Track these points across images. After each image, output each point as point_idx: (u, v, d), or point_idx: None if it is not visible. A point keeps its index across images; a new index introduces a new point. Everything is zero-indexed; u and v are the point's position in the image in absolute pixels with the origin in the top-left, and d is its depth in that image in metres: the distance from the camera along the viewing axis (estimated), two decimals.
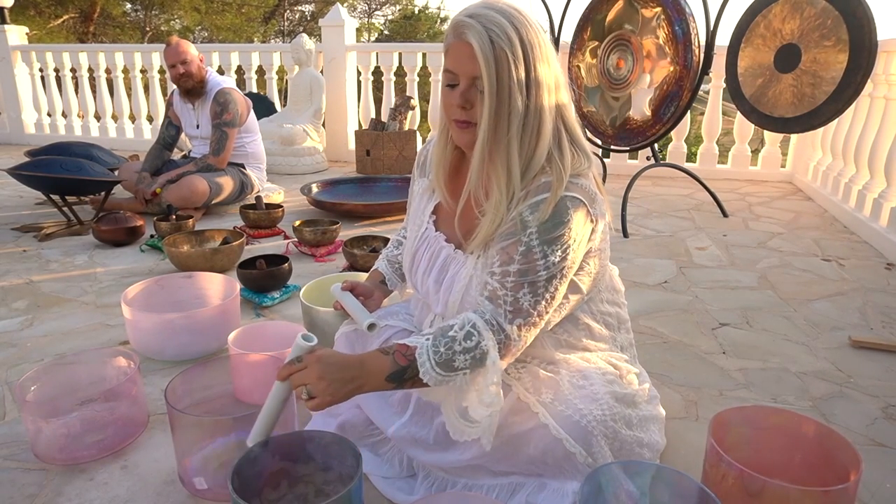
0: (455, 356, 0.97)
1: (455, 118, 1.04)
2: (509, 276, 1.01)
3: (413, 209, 1.30)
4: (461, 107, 1.01)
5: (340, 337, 1.37)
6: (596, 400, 1.06)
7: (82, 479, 1.26)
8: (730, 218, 3.47)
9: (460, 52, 0.98)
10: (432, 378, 0.98)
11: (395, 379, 0.98)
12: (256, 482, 1.06)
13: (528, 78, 0.98)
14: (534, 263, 1.00)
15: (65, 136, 6.14)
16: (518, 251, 1.01)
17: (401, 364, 0.98)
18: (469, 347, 0.98)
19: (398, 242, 1.46)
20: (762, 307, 2.19)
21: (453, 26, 0.99)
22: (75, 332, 1.96)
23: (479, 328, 0.99)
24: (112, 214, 2.91)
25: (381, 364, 0.98)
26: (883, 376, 1.71)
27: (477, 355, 0.98)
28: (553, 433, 1.02)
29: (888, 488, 1.26)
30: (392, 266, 1.43)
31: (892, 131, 3.08)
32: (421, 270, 1.20)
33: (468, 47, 0.96)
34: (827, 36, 2.72)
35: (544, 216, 1.00)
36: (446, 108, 1.05)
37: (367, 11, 21.81)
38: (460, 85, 1.01)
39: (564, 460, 1.03)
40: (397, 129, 4.81)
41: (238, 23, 17.66)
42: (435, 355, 0.97)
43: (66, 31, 15.57)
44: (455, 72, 1.01)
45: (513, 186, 1.02)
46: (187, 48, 3.30)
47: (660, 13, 3.16)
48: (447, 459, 1.15)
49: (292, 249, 2.79)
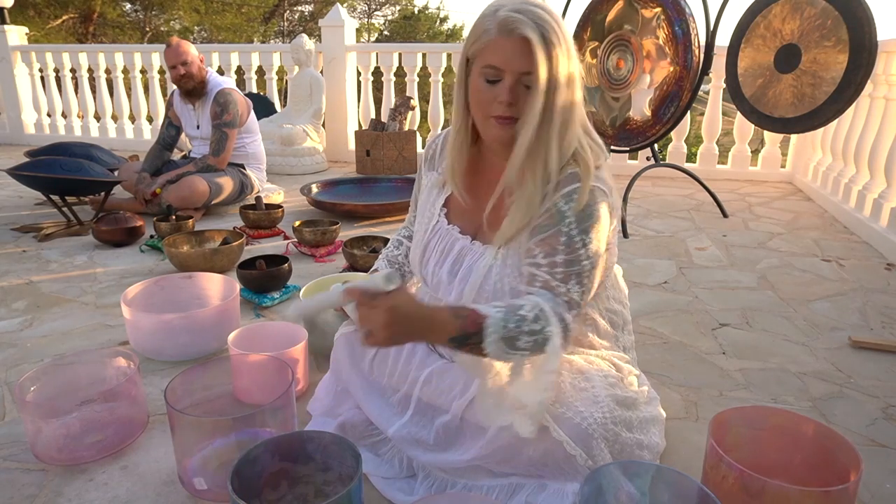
0: (521, 336, 0.95)
1: (497, 114, 1.02)
2: (557, 267, 1.02)
3: (422, 202, 1.29)
4: (508, 103, 1.00)
5: (340, 338, 1.37)
6: (597, 402, 1.06)
7: (82, 479, 1.26)
8: (730, 218, 3.47)
9: (509, 47, 0.97)
10: (495, 351, 0.95)
11: (457, 342, 0.96)
12: (256, 482, 1.06)
13: (569, 73, 1.00)
14: (577, 253, 1.02)
15: (65, 137, 6.14)
16: (560, 242, 1.02)
17: (469, 330, 0.95)
18: (535, 330, 0.96)
19: (398, 242, 1.46)
20: (762, 307, 2.19)
21: (501, 22, 0.97)
22: (75, 333, 1.96)
23: (547, 314, 0.98)
24: (112, 215, 2.91)
25: (449, 325, 0.95)
26: (883, 376, 1.71)
27: (540, 340, 0.96)
28: (554, 435, 1.02)
29: (888, 488, 1.26)
30: (392, 266, 1.43)
31: (892, 131, 3.08)
32: (433, 262, 1.20)
33: (521, 43, 0.97)
34: (827, 36, 2.73)
35: (580, 206, 1.02)
36: (483, 104, 1.03)
37: (366, 12, 21.82)
38: (506, 81, 1.00)
39: (564, 462, 1.03)
40: (397, 130, 4.81)
41: (238, 23, 17.66)
42: (503, 330, 0.95)
43: (65, 32, 15.57)
44: (501, 67, 0.99)
45: (548, 179, 1.04)
46: (188, 49, 3.30)
47: (660, 13, 3.16)
48: (447, 460, 1.15)
49: (292, 250, 2.79)
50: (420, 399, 1.21)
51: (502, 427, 1.05)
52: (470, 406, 1.14)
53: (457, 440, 1.16)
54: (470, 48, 1.03)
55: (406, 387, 1.24)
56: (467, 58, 1.05)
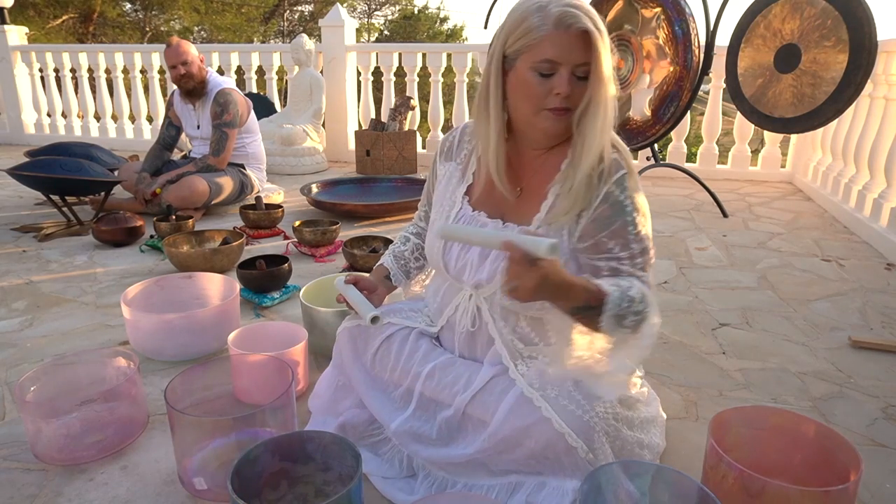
0: (628, 315, 1.02)
1: (554, 106, 1.06)
2: (636, 257, 1.10)
3: (439, 193, 1.31)
4: (566, 94, 1.04)
5: (343, 332, 1.36)
6: (599, 397, 1.07)
7: (82, 479, 1.26)
8: (730, 218, 3.47)
9: (566, 41, 1.02)
10: (607, 326, 1.01)
11: (579, 312, 1.01)
12: (256, 482, 1.06)
13: (613, 64, 1.07)
14: (644, 243, 1.10)
15: (65, 137, 6.14)
16: (629, 231, 1.09)
17: (592, 304, 1.00)
18: (639, 311, 1.03)
19: (405, 238, 1.46)
20: (762, 307, 2.19)
21: (558, 17, 1.01)
22: (75, 333, 1.96)
23: (648, 299, 1.05)
24: (112, 215, 2.91)
25: (580, 296, 1.00)
26: (883, 376, 1.71)
27: (639, 320, 1.03)
28: (556, 427, 1.03)
29: (888, 488, 1.26)
30: (398, 262, 1.43)
31: (892, 131, 3.08)
32: (458, 246, 1.22)
33: (579, 36, 1.02)
34: (827, 36, 2.73)
35: (633, 191, 1.10)
36: (537, 97, 1.07)
37: (366, 11, 21.83)
38: (562, 73, 1.04)
39: (565, 455, 1.03)
40: (397, 130, 4.81)
41: (238, 23, 17.67)
42: (618, 308, 1.01)
43: (65, 32, 15.58)
44: (558, 60, 1.03)
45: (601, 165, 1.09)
46: (188, 49, 3.30)
47: (660, 13, 3.16)
48: (449, 455, 1.15)
49: (292, 250, 2.79)
50: (422, 394, 1.22)
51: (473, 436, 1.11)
52: (473, 401, 1.14)
53: (459, 434, 1.17)
54: (512, 45, 1.07)
55: (408, 381, 1.24)
56: (504, 55, 1.09)
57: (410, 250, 1.44)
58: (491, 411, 1.11)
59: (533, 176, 1.19)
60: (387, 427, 1.24)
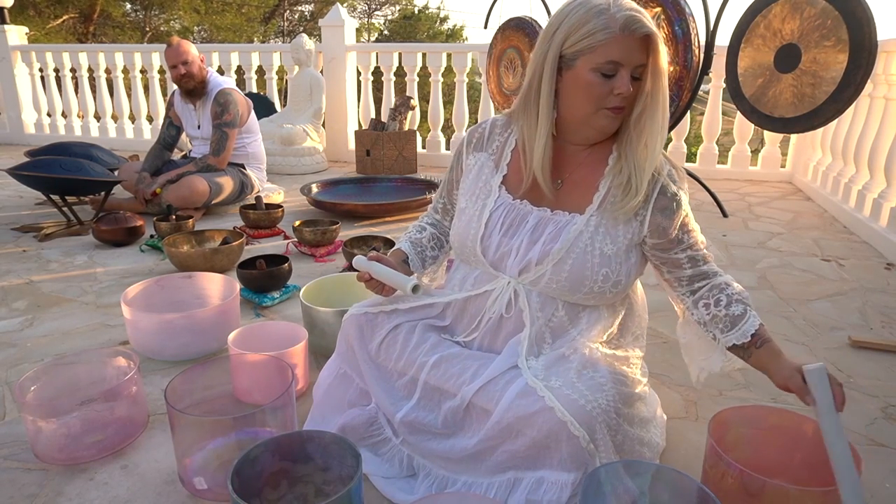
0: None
1: (613, 105, 1.13)
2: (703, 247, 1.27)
3: (470, 183, 1.32)
4: (626, 94, 1.10)
5: (349, 319, 1.33)
6: (602, 390, 1.08)
7: (82, 479, 1.26)
8: (729, 218, 3.47)
9: (631, 43, 1.08)
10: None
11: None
12: (256, 482, 1.06)
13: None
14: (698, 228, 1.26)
15: (65, 137, 6.15)
16: (691, 220, 1.23)
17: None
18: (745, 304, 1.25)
19: (421, 228, 1.46)
20: (762, 307, 2.18)
21: (624, 21, 1.07)
22: (75, 332, 1.97)
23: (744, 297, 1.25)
24: (112, 214, 2.91)
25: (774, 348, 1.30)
26: (883, 376, 1.71)
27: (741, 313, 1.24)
28: (558, 415, 1.03)
29: (888, 488, 1.26)
30: (416, 248, 1.41)
31: (892, 131, 3.08)
32: (498, 234, 1.23)
33: (642, 39, 1.08)
34: (827, 36, 2.73)
35: (682, 185, 1.21)
36: (598, 97, 1.12)
37: (367, 11, 21.83)
38: (623, 74, 1.10)
39: (567, 443, 1.03)
40: (397, 130, 4.81)
41: (238, 23, 17.66)
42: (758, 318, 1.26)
43: (65, 32, 15.58)
44: (622, 62, 1.09)
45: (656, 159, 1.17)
46: (188, 49, 3.30)
47: (660, 13, 3.16)
48: (453, 446, 1.16)
49: (292, 250, 2.80)
50: (427, 383, 1.21)
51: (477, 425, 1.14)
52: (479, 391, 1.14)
53: (464, 424, 1.17)
54: (572, 46, 1.11)
55: (413, 371, 1.24)
56: (561, 55, 1.13)
57: (427, 238, 1.43)
58: (495, 400, 1.11)
59: (576, 169, 1.24)
60: (391, 417, 1.24)
